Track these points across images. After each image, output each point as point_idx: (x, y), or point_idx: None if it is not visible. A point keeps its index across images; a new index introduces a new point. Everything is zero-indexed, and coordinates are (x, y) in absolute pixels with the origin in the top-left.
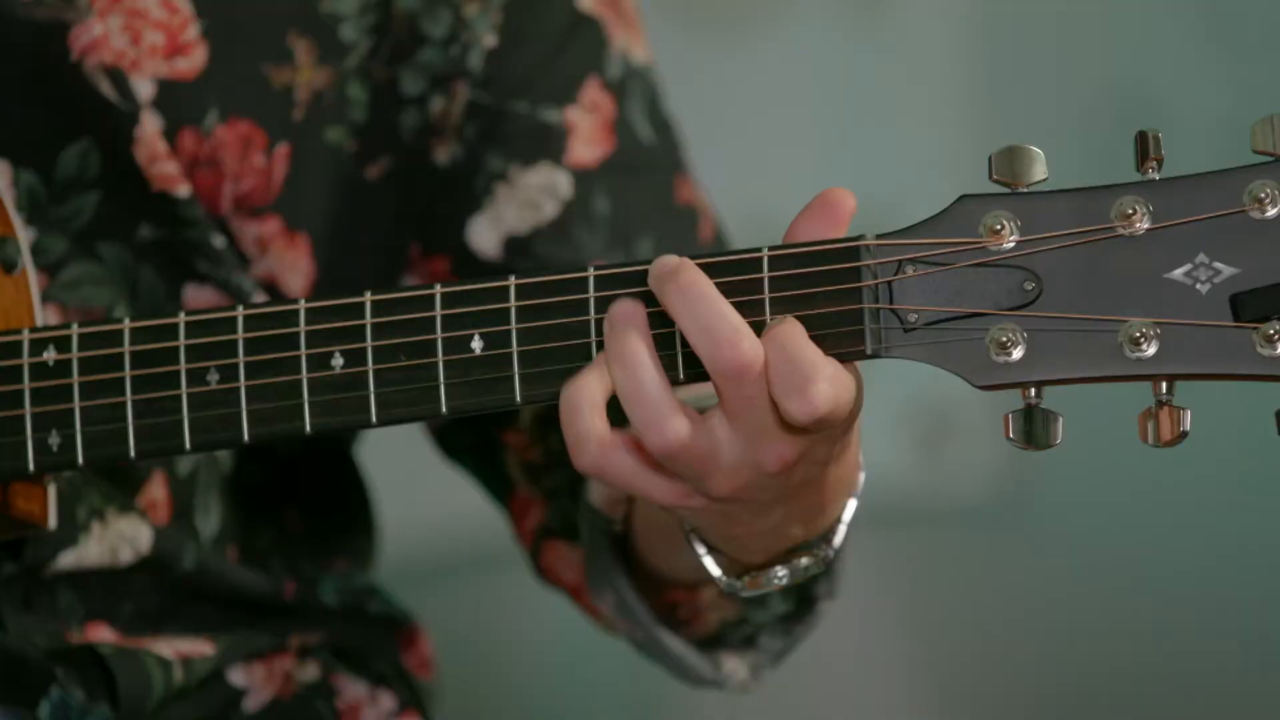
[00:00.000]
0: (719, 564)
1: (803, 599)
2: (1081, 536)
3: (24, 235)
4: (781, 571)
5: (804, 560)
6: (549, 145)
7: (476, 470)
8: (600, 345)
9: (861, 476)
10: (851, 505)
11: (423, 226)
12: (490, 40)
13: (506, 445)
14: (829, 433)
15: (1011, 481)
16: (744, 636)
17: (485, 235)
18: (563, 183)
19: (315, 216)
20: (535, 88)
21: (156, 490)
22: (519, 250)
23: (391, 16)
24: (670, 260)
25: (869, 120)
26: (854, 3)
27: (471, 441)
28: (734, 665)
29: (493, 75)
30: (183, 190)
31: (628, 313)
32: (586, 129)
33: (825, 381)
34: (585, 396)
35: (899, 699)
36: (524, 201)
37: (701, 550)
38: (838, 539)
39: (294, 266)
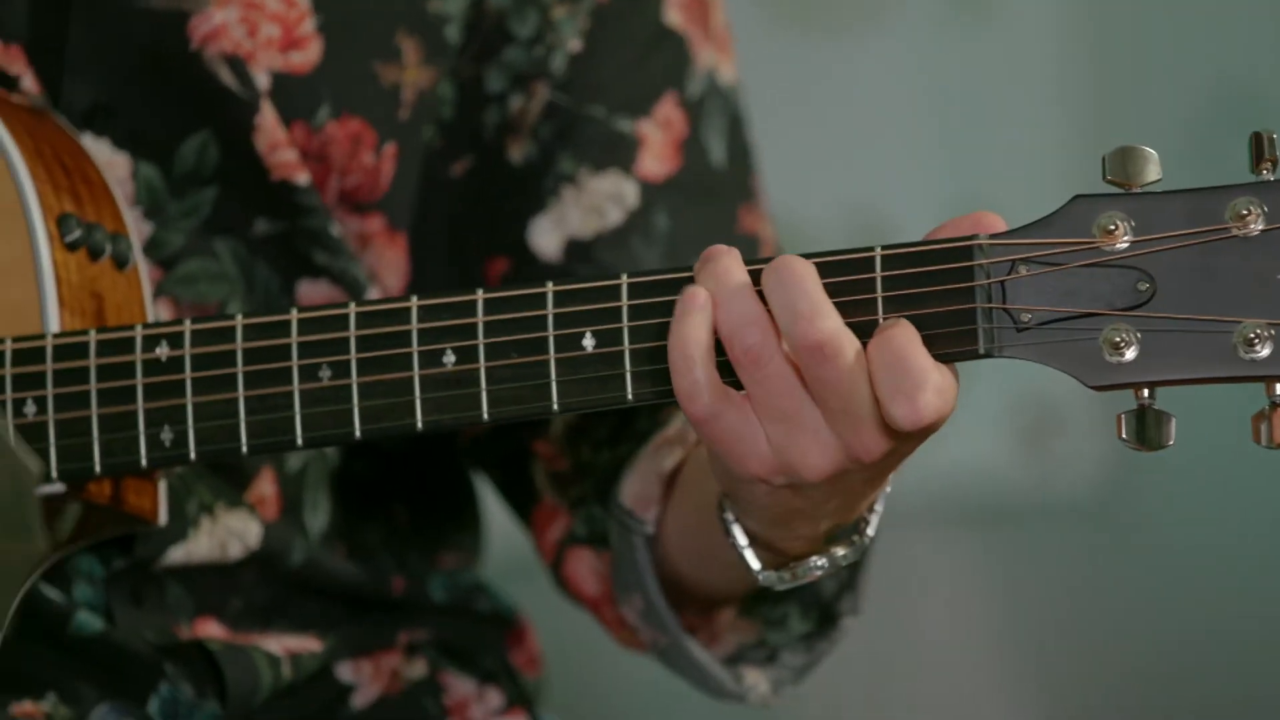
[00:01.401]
0: (760, 558)
1: (825, 617)
2: (1186, 537)
3: (137, 231)
4: (820, 561)
5: (841, 550)
6: (620, 153)
7: (503, 480)
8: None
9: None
10: (883, 499)
11: (488, 224)
12: (575, 44)
13: (536, 455)
14: (920, 438)
15: (1116, 480)
16: (765, 655)
17: (547, 236)
18: (630, 192)
19: (412, 216)
20: (612, 95)
21: (265, 486)
22: (580, 254)
23: (483, 14)
24: (778, 259)
25: (976, 119)
26: (959, 1)
27: (503, 451)
28: (756, 678)
29: (573, 79)
30: (302, 178)
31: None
32: (657, 144)
33: (933, 391)
34: (697, 347)
35: (1000, 695)
36: (589, 206)
37: (743, 541)
38: (871, 529)
39: (392, 265)
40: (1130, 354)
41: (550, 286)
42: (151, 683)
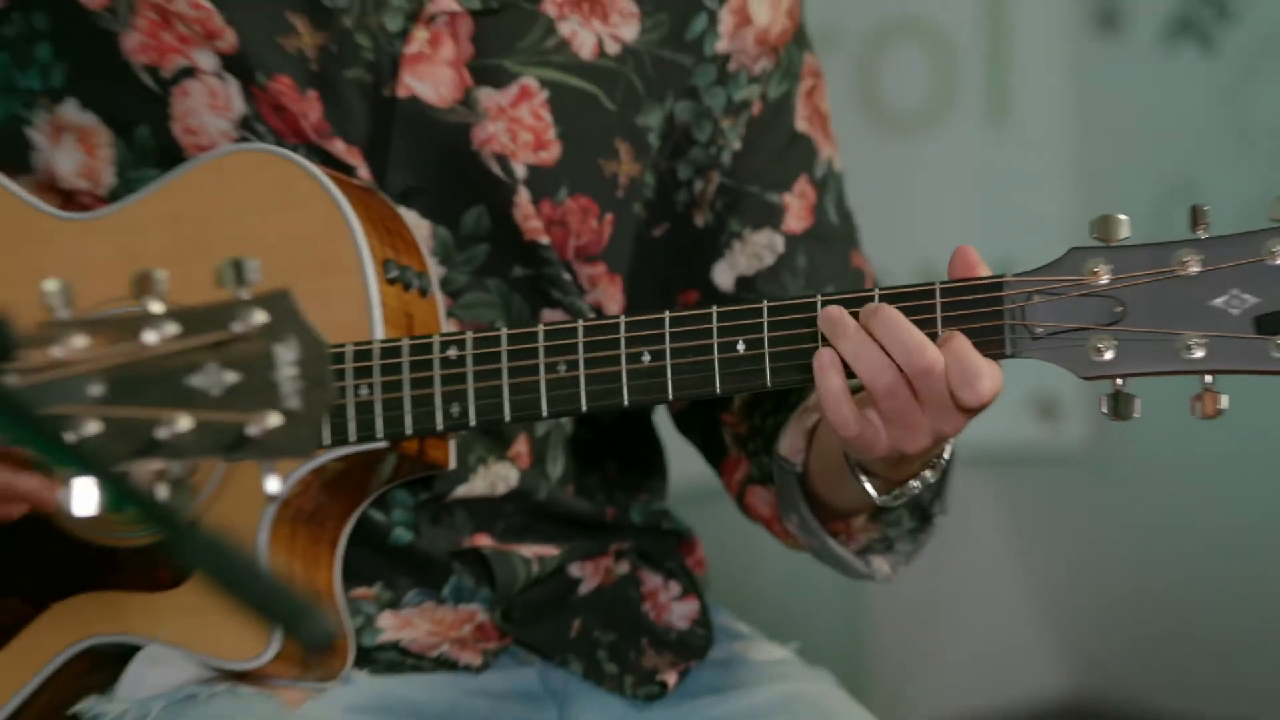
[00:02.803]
0: (875, 487)
1: (924, 517)
2: (1152, 481)
3: (435, 271)
4: (915, 484)
5: (928, 473)
6: (771, 217)
7: (702, 440)
8: (824, 341)
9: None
10: (950, 447)
11: (684, 269)
12: (737, 145)
13: (724, 423)
14: (979, 412)
15: (1098, 441)
16: (885, 542)
17: (724, 275)
18: (778, 242)
19: (625, 263)
20: (764, 178)
21: (521, 445)
22: (746, 286)
23: (674, 126)
24: (871, 305)
25: (1002, 196)
26: (989, 112)
27: (702, 422)
28: (880, 563)
29: (736, 168)
30: (545, 240)
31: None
32: (796, 208)
33: (988, 378)
34: (839, 393)
35: (1019, 605)
36: (751, 254)
37: (864, 479)
38: (946, 454)
39: (612, 297)
40: (1109, 355)
41: (714, 309)
42: (445, 575)
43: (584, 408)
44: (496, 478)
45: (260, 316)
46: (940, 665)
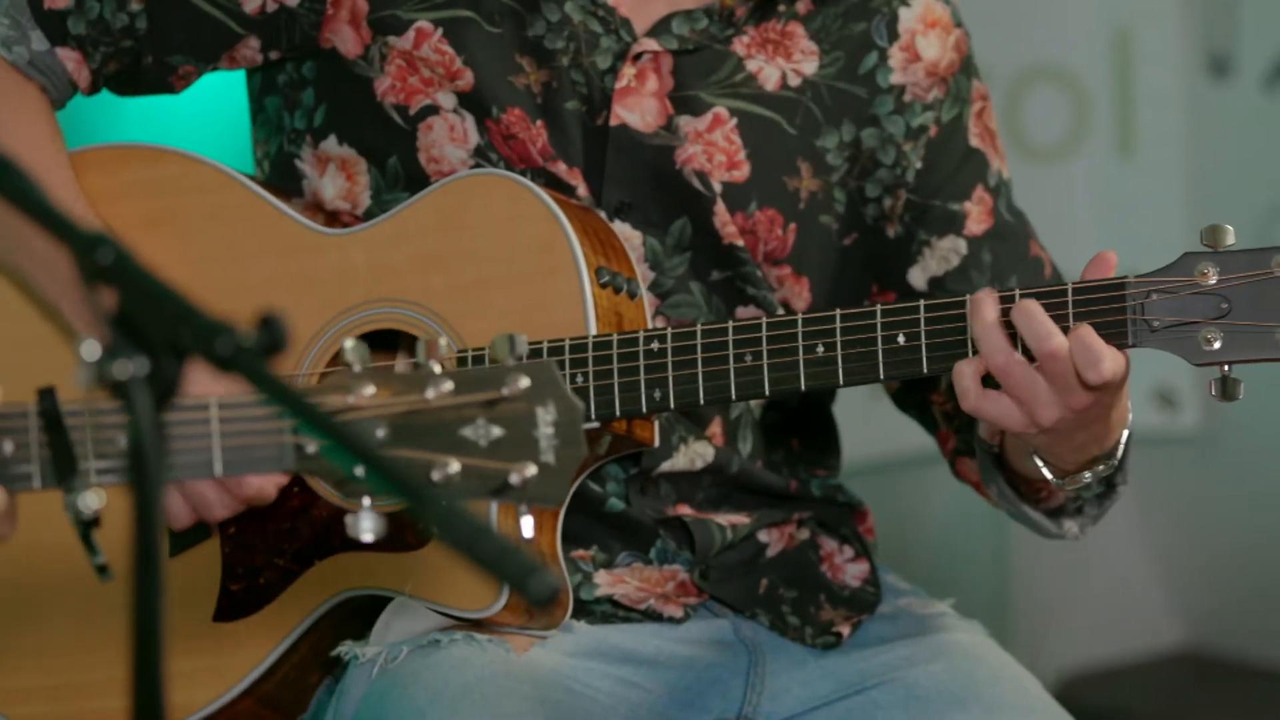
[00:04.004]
0: (1050, 471)
1: (1109, 485)
2: (1258, 458)
3: (643, 277)
4: (1087, 475)
5: (1100, 466)
6: (954, 224)
7: (920, 417)
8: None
9: (1130, 416)
10: (1126, 432)
11: (880, 274)
12: (918, 165)
13: (933, 402)
14: (1109, 391)
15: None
16: (1075, 507)
17: (918, 278)
18: (961, 246)
19: (812, 267)
20: (945, 191)
21: (716, 426)
22: (937, 285)
23: (861, 152)
24: (1020, 302)
25: (1126, 218)
26: (1116, 147)
27: (916, 400)
28: (1069, 524)
29: (920, 185)
30: (741, 243)
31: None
32: (976, 213)
33: (1109, 361)
34: (967, 367)
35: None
36: (940, 257)
37: (1040, 464)
38: (1119, 451)
39: (798, 294)
40: (1217, 345)
41: (878, 306)
42: (651, 540)
43: (767, 392)
44: (695, 454)
45: (525, 381)
46: (1076, 619)
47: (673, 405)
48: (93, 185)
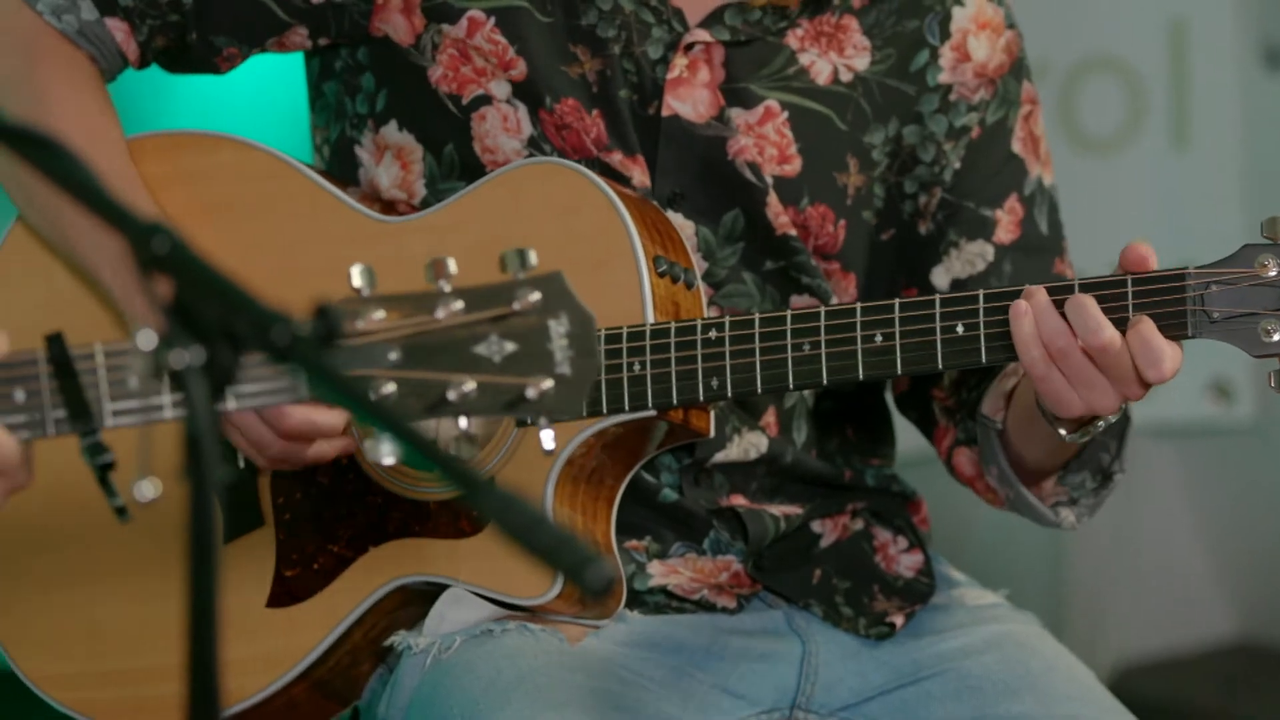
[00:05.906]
0: (1064, 428)
1: (1105, 476)
2: None
3: (698, 267)
4: (1100, 423)
5: (1111, 416)
6: (984, 229)
7: (918, 416)
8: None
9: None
10: (1130, 405)
11: (908, 270)
12: (957, 164)
13: (935, 398)
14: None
15: (1269, 411)
16: (1071, 499)
17: (940, 277)
18: (989, 252)
19: (858, 263)
20: (979, 195)
21: (769, 415)
22: (958, 287)
23: (901, 148)
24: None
25: (1181, 209)
26: (1171, 138)
27: (918, 399)
28: (1066, 513)
29: (956, 185)
30: (794, 233)
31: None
32: (1006, 222)
33: (1169, 360)
34: (1025, 315)
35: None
36: (966, 260)
37: (1051, 419)
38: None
39: (845, 290)
40: (1277, 336)
41: (937, 296)
42: (705, 531)
43: (825, 381)
44: (749, 445)
45: (535, 295)
46: (1130, 611)
47: (730, 394)
48: (148, 173)
